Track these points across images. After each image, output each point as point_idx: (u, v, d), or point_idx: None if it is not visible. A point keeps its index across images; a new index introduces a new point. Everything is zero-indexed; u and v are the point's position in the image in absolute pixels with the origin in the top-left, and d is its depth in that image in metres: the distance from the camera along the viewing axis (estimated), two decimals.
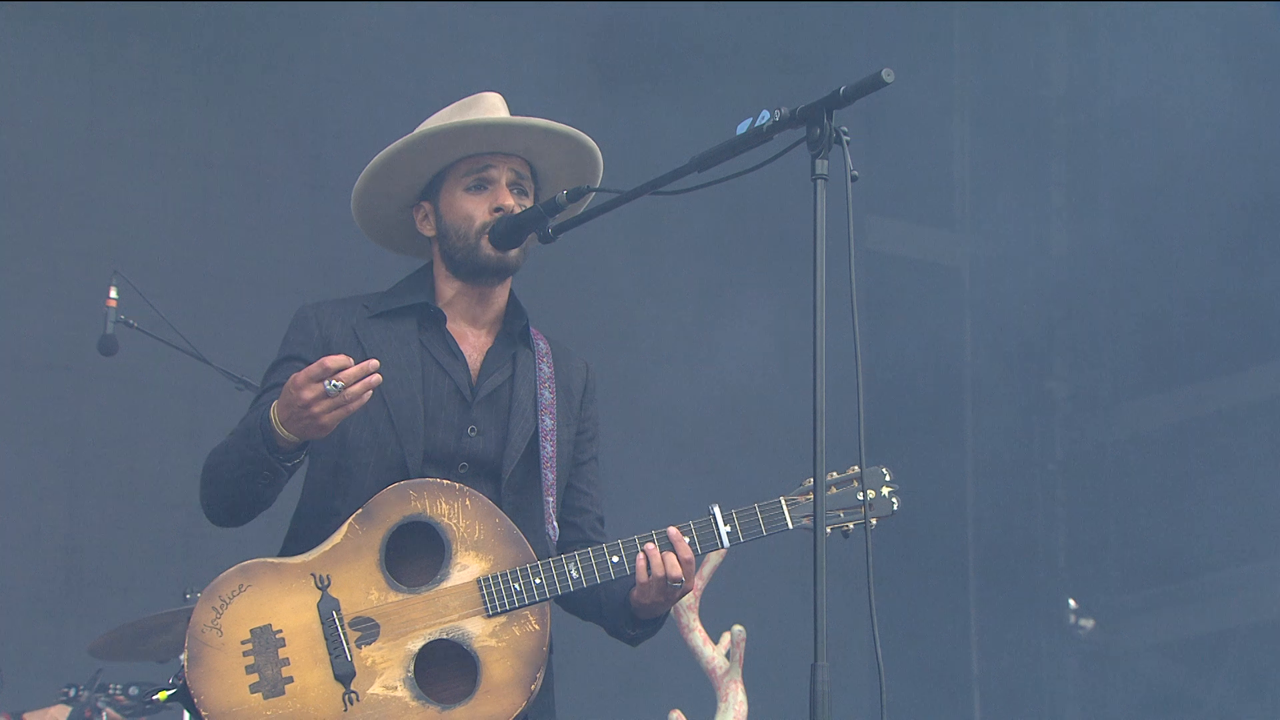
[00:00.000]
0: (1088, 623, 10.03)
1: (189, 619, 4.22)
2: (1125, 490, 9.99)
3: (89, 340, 6.44)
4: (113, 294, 6.34)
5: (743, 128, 3.92)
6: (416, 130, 4.47)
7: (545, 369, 4.43)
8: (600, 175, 4.54)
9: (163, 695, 4.28)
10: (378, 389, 4.14)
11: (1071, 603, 10.08)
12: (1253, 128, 9.46)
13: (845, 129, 3.77)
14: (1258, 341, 9.53)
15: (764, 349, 9.58)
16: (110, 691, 6.27)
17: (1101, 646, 10.02)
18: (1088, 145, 10.39)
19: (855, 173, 3.72)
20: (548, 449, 4.35)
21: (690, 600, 6.74)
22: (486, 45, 8.96)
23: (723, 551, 6.67)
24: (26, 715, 6.24)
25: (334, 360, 4.00)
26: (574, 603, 4.40)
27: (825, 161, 3.74)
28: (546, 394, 4.40)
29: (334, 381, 3.97)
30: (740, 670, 6.72)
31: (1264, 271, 9.40)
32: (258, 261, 8.42)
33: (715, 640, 6.78)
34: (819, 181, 3.72)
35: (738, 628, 6.75)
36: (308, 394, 4.00)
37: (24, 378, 8.02)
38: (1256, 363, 9.60)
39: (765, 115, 3.88)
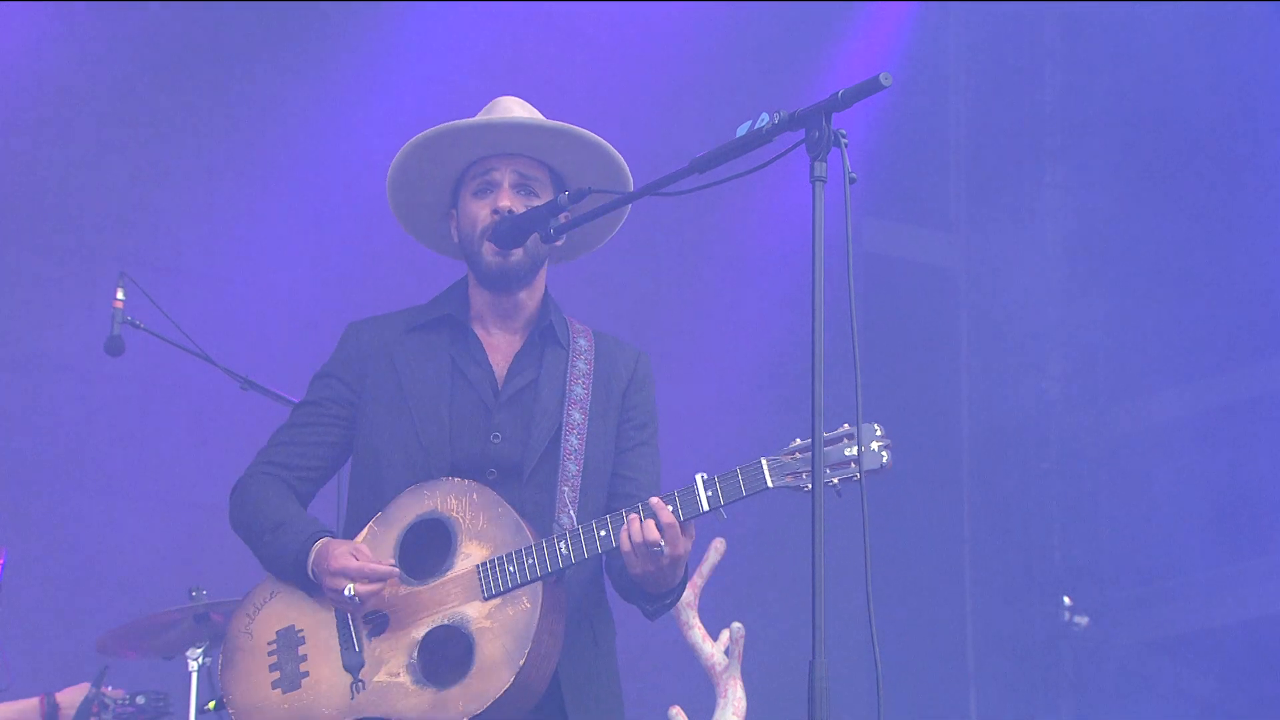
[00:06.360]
0: (1082, 619, 10.07)
1: (226, 626, 4.46)
2: (1119, 488, 10.03)
3: (96, 341, 6.47)
4: (119, 295, 6.38)
5: (742, 130, 3.96)
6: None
7: (582, 365, 4.48)
8: (627, 176, 4.55)
9: (211, 705, 4.53)
10: (406, 409, 4.38)
11: (1066, 600, 10.12)
12: (1250, 127, 9.51)
13: (844, 132, 3.81)
14: (1250, 340, 9.57)
15: (761, 347, 9.64)
16: (121, 701, 6.31)
17: (1096, 643, 10.05)
18: (1083, 146, 10.43)
19: (854, 175, 3.73)
20: (572, 441, 4.40)
21: (690, 598, 6.78)
22: (490, 47, 9.00)
23: (721, 550, 6.77)
24: (60, 695, 6.29)
25: (373, 575, 4.27)
26: (619, 585, 4.46)
27: (824, 164, 3.75)
28: (579, 390, 4.45)
29: (353, 592, 4.26)
30: (739, 667, 6.77)
31: (1258, 271, 9.44)
32: (263, 263, 8.46)
33: (714, 637, 6.82)
34: (817, 184, 3.73)
35: (736, 625, 6.80)
36: (329, 581, 4.29)
37: (31, 378, 8.06)
38: (1249, 362, 9.64)
39: (764, 118, 3.90)
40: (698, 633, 6.80)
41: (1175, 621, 9.75)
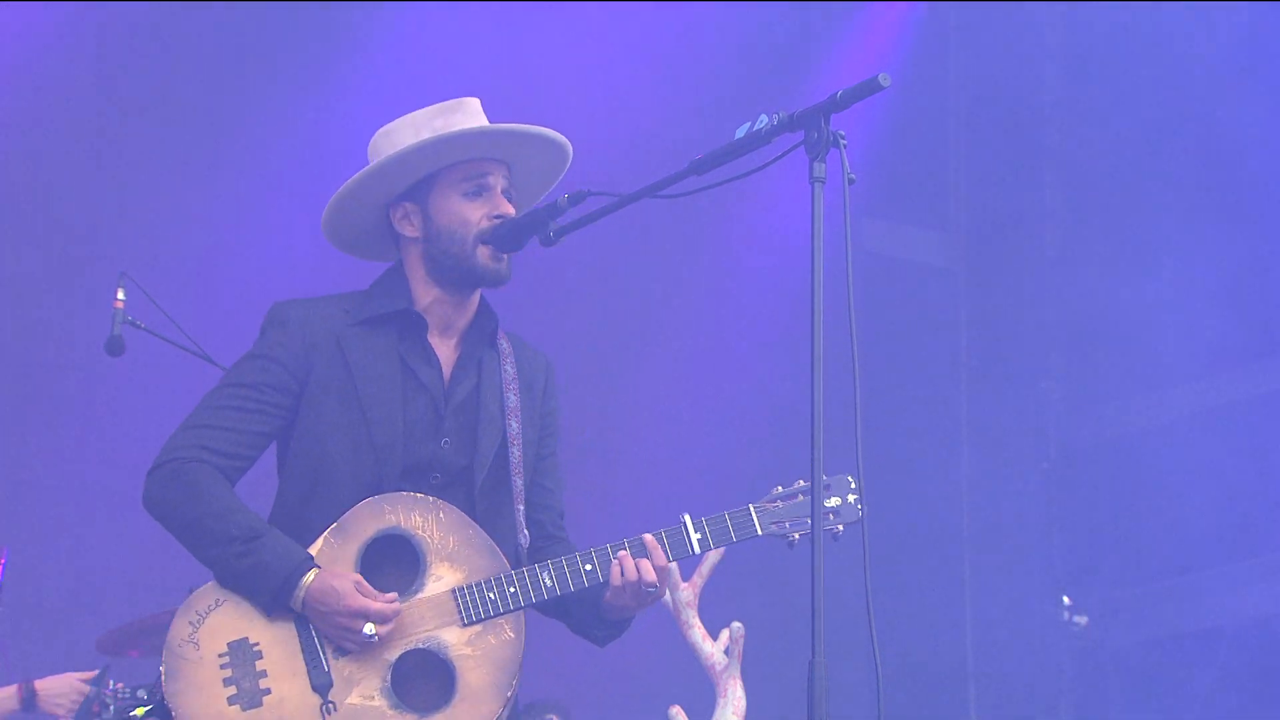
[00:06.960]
0: (1081, 619, 10.06)
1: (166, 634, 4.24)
2: (1118, 488, 10.02)
3: (96, 341, 6.48)
4: (119, 295, 6.38)
5: (741, 131, 3.97)
6: (386, 127, 4.48)
7: (509, 370, 4.43)
8: (565, 172, 4.55)
9: (140, 711, 4.32)
10: (359, 405, 4.24)
11: (1066, 600, 10.12)
12: (1248, 128, 9.50)
13: (843, 133, 3.81)
14: (1249, 340, 9.57)
15: (756, 348, 9.63)
16: (123, 695, 6.31)
17: (1095, 643, 10.05)
18: (1082, 147, 10.42)
19: (853, 176, 3.74)
20: (515, 454, 4.36)
21: (690, 597, 6.78)
22: (487, 48, 9.00)
23: (721, 550, 6.77)
24: (39, 683, 6.28)
25: (393, 615, 4.15)
26: (570, 616, 4.43)
27: (823, 165, 3.75)
28: (512, 397, 4.40)
29: (373, 632, 4.12)
30: (739, 666, 6.76)
31: (1256, 270, 9.44)
32: (263, 262, 8.46)
33: (714, 637, 6.82)
34: (816, 185, 3.74)
35: (736, 624, 6.79)
36: (343, 620, 4.12)
37: (32, 378, 8.07)
38: (1248, 360, 9.64)
39: (764, 119, 3.91)
40: (698, 632, 6.79)
41: (1175, 621, 9.75)
